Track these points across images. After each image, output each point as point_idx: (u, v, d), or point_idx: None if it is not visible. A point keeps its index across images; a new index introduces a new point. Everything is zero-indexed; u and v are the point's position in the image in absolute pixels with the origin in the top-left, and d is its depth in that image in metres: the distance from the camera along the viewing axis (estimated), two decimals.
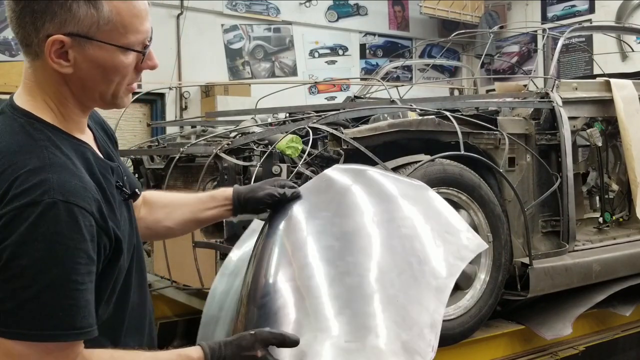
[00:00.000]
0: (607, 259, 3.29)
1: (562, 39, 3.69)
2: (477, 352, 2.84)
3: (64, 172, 1.08)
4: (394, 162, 2.63)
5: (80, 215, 1.06)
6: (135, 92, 1.30)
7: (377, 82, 4.91)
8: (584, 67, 9.04)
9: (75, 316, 1.04)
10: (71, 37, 1.10)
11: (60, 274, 1.03)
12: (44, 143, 1.10)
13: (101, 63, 1.14)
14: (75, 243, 1.05)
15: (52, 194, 1.04)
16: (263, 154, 2.60)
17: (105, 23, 1.11)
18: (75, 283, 1.04)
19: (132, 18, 1.14)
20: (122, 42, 1.14)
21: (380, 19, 10.25)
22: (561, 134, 3.17)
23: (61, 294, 1.03)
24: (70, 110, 1.19)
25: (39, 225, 1.02)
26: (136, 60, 1.19)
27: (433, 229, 1.45)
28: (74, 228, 1.05)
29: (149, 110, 8.19)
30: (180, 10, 8.22)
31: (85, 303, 1.06)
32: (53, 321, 1.03)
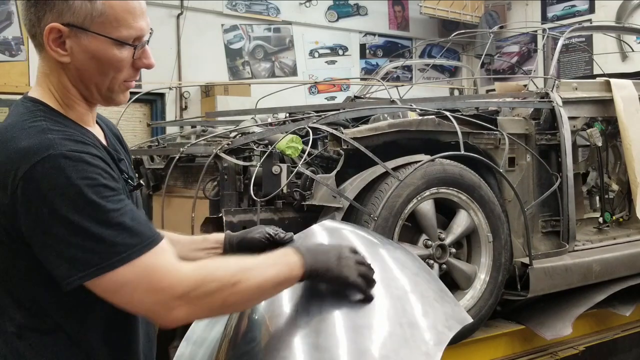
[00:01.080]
0: (607, 259, 3.29)
1: (562, 39, 3.69)
2: (477, 352, 2.84)
3: (59, 133, 1.15)
4: (393, 162, 2.63)
5: (88, 157, 1.13)
6: (134, 91, 1.33)
7: (377, 82, 4.90)
8: (584, 67, 9.04)
9: (126, 237, 1.11)
10: (68, 27, 1.17)
11: (94, 210, 1.09)
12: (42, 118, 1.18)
13: (95, 54, 1.20)
14: (95, 180, 1.11)
15: (57, 148, 1.11)
16: (263, 154, 2.60)
17: (98, 15, 1.18)
18: (112, 211, 1.11)
19: (125, 13, 1.20)
20: (114, 35, 1.20)
21: (380, 19, 10.25)
22: (561, 134, 3.17)
23: (104, 226, 1.10)
24: (72, 101, 1.25)
25: (56, 177, 1.09)
26: (130, 56, 1.24)
27: (423, 294, 1.43)
28: (87, 168, 1.12)
29: (149, 110, 8.19)
30: (180, 10, 8.22)
31: (131, 223, 1.12)
32: (110, 250, 1.09)
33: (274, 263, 1.25)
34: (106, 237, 1.09)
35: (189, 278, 1.14)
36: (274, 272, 1.23)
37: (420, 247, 2.68)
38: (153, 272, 1.12)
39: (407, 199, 2.57)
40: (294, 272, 1.26)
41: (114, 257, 1.09)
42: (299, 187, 2.61)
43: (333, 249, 1.34)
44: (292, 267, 1.26)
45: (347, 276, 1.30)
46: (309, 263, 1.27)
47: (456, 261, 2.78)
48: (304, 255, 1.28)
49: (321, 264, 1.28)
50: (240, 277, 1.18)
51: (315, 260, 1.28)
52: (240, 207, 2.63)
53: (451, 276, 2.78)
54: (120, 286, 1.11)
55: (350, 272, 1.30)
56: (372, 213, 2.50)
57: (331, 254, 1.31)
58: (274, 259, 1.26)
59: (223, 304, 1.18)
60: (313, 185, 2.58)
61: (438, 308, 1.40)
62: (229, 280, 1.17)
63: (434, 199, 2.70)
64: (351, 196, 2.51)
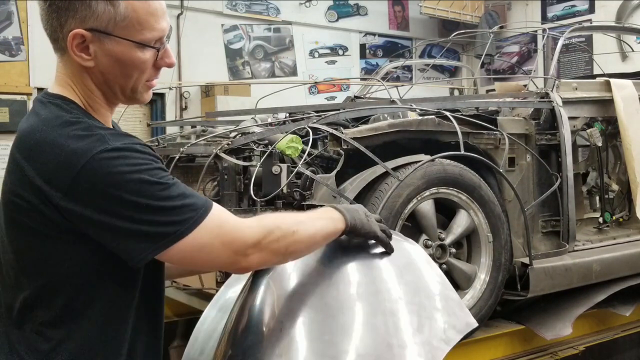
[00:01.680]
0: (607, 259, 3.29)
1: (562, 39, 3.68)
2: (477, 352, 2.84)
3: (106, 130, 1.20)
4: (393, 162, 2.63)
5: (140, 147, 1.19)
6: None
7: (377, 82, 4.90)
8: (584, 67, 9.04)
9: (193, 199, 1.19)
10: (91, 32, 1.19)
11: (158, 187, 1.16)
12: (81, 115, 1.21)
13: (119, 57, 1.22)
14: (149, 166, 1.17)
15: (110, 142, 1.16)
16: (263, 154, 2.60)
17: (121, 19, 1.19)
18: (172, 186, 1.18)
19: (148, 16, 1.22)
20: (137, 38, 1.22)
21: (380, 19, 10.25)
22: (561, 134, 3.17)
23: (171, 193, 1.17)
24: (96, 102, 1.27)
25: (115, 167, 1.13)
26: (153, 57, 1.26)
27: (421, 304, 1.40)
28: (141, 157, 1.17)
29: (149, 110, 8.19)
30: (180, 10, 8.22)
31: (190, 192, 1.21)
32: (185, 212, 1.17)
33: (320, 217, 1.39)
34: (173, 208, 1.16)
35: (257, 228, 1.25)
36: (323, 224, 1.37)
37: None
38: (224, 227, 1.22)
39: (407, 199, 2.57)
40: (338, 226, 1.39)
41: (186, 224, 1.17)
42: (299, 187, 2.61)
43: (360, 208, 1.48)
44: (336, 222, 1.39)
45: (375, 231, 1.45)
46: (349, 219, 1.40)
47: (456, 261, 2.78)
48: (343, 212, 1.41)
49: (358, 220, 1.42)
50: (297, 228, 1.30)
51: (352, 217, 1.41)
52: (240, 207, 2.63)
53: (451, 276, 2.77)
54: (199, 247, 1.19)
55: (376, 228, 1.46)
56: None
57: (360, 212, 1.45)
58: (320, 214, 1.41)
59: (286, 250, 1.30)
60: (313, 185, 2.58)
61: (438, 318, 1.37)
62: (290, 229, 1.29)
63: (434, 199, 2.70)
64: (351, 196, 2.51)
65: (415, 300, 1.40)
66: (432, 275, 1.49)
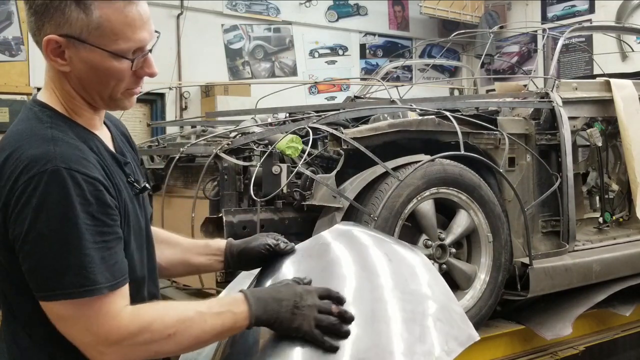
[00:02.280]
0: (607, 259, 3.29)
1: (562, 39, 3.69)
2: (477, 352, 2.84)
3: (65, 146, 1.16)
4: (393, 162, 2.63)
5: (83, 181, 1.13)
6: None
7: (377, 82, 4.91)
8: (584, 67, 9.04)
9: (93, 272, 1.11)
10: (65, 38, 1.16)
11: (71, 235, 1.10)
12: (49, 125, 1.19)
13: (94, 65, 1.20)
14: (83, 207, 1.12)
15: (55, 163, 1.12)
16: (263, 154, 2.60)
17: (95, 28, 1.16)
18: (88, 242, 1.12)
19: (123, 26, 1.18)
20: (112, 48, 1.18)
21: (380, 19, 10.25)
22: (561, 134, 3.17)
23: (75, 253, 1.10)
24: (77, 106, 1.26)
25: (48, 193, 1.10)
26: (133, 66, 1.22)
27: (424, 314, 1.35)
28: (80, 193, 1.12)
29: (149, 110, 8.20)
30: (180, 10, 8.22)
31: (101, 260, 1.13)
32: (73, 279, 1.10)
33: (218, 312, 1.22)
34: (68, 266, 1.10)
35: (126, 327, 1.15)
36: (217, 322, 1.21)
37: (420, 247, 2.68)
38: (95, 316, 1.13)
39: (407, 199, 2.57)
40: (239, 323, 1.23)
41: (65, 289, 1.10)
42: (299, 187, 2.61)
43: (290, 296, 1.25)
44: (238, 317, 1.23)
45: (300, 327, 1.23)
46: (255, 315, 1.23)
47: (456, 261, 2.78)
48: (252, 305, 1.23)
49: (271, 314, 1.23)
50: (177, 329, 1.18)
51: (264, 310, 1.23)
52: (240, 207, 2.63)
53: (451, 276, 2.78)
54: (61, 317, 1.13)
55: (304, 323, 1.23)
56: (372, 213, 2.50)
57: (285, 302, 1.24)
58: (220, 307, 1.24)
59: (157, 352, 1.19)
60: (313, 185, 2.58)
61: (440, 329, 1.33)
62: (165, 332, 1.17)
63: (434, 199, 2.70)
64: (351, 196, 2.51)
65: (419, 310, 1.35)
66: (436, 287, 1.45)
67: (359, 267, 1.43)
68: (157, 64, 1.29)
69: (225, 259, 1.54)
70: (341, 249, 1.49)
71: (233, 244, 1.55)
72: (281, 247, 1.49)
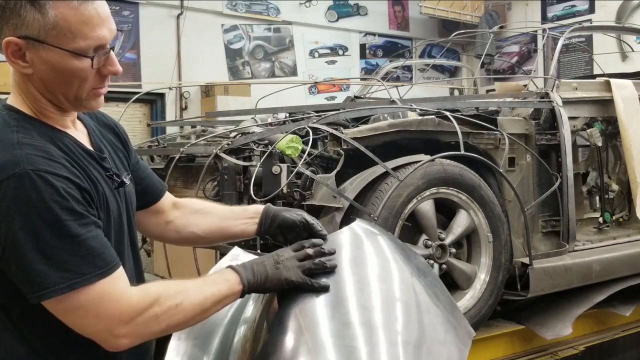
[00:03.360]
0: (607, 259, 3.29)
1: (562, 39, 3.69)
2: (477, 352, 2.84)
3: (30, 148, 1.16)
4: (393, 162, 2.63)
5: (54, 179, 1.14)
6: (134, 91, 1.32)
7: (377, 82, 4.91)
8: (584, 67, 9.03)
9: (80, 264, 1.13)
10: (24, 40, 1.16)
11: (52, 234, 1.11)
12: (15, 128, 1.19)
13: (55, 66, 1.19)
14: (58, 204, 1.12)
15: (22, 166, 1.12)
16: (263, 154, 2.60)
17: (51, 28, 1.16)
18: (71, 237, 1.13)
19: (80, 24, 1.17)
20: (70, 47, 1.18)
21: (380, 19, 10.25)
22: (561, 134, 3.17)
23: (60, 250, 1.12)
24: (43, 108, 1.25)
25: (19, 196, 1.11)
26: (94, 64, 1.21)
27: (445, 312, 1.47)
28: (52, 191, 1.13)
29: (149, 110, 8.18)
30: (180, 10, 8.21)
31: (87, 251, 1.14)
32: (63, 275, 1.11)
33: (213, 282, 1.29)
34: (61, 261, 1.11)
35: (138, 303, 1.18)
36: (214, 289, 1.28)
37: (420, 247, 2.68)
38: (103, 300, 1.15)
39: (407, 199, 2.57)
40: (234, 288, 1.30)
41: (65, 282, 1.11)
42: (299, 187, 2.61)
43: (269, 257, 1.36)
44: (232, 284, 1.29)
45: (288, 278, 1.32)
46: (246, 277, 1.30)
47: (456, 261, 2.78)
48: (240, 271, 1.31)
49: (259, 275, 1.31)
50: (183, 298, 1.23)
51: (252, 273, 1.31)
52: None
53: (451, 276, 2.78)
54: (71, 310, 1.14)
55: (290, 273, 1.32)
56: (372, 213, 2.50)
57: (267, 262, 1.34)
58: (213, 279, 1.30)
59: (168, 325, 1.22)
60: (313, 185, 2.58)
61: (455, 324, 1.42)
62: (172, 302, 1.21)
63: (434, 199, 2.70)
64: (351, 196, 2.51)
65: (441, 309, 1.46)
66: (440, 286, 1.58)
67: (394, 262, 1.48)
68: (157, 64, 1.28)
69: (260, 222, 1.54)
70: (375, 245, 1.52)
71: (270, 207, 1.56)
72: (316, 228, 1.48)
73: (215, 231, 1.59)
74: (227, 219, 1.58)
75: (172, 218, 1.59)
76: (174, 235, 1.61)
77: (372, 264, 1.46)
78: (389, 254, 1.50)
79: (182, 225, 1.59)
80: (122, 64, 7.89)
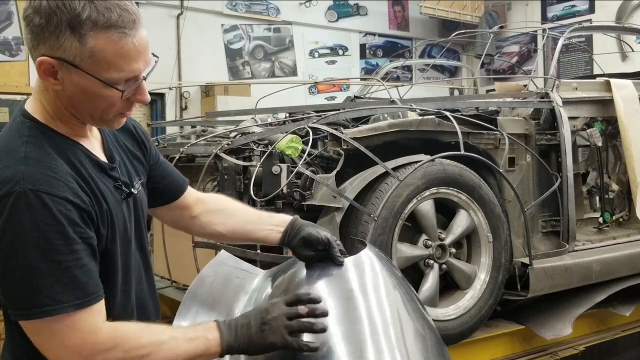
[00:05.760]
0: (607, 259, 3.29)
1: (562, 39, 3.68)
2: (477, 352, 2.84)
3: (36, 165, 1.16)
4: (393, 162, 2.63)
5: (50, 201, 1.14)
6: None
7: (377, 82, 4.91)
8: (584, 67, 9.04)
9: (60, 292, 1.13)
10: (58, 61, 1.16)
11: (38, 257, 1.12)
12: (26, 139, 1.20)
13: (85, 90, 1.20)
14: (50, 227, 1.13)
15: (22, 184, 1.13)
16: (263, 154, 2.60)
17: (88, 56, 1.16)
18: (57, 262, 1.13)
19: (117, 57, 1.18)
20: (104, 77, 1.18)
21: (380, 19, 10.25)
22: (561, 134, 3.17)
23: (43, 274, 1.12)
24: (65, 118, 1.26)
25: (13, 215, 1.12)
26: (124, 96, 1.22)
27: None
28: (46, 214, 1.13)
29: (149, 110, 8.18)
30: (180, 10, 8.21)
31: (70, 279, 1.14)
32: (40, 299, 1.12)
33: (192, 338, 1.25)
34: (41, 286, 1.12)
35: (102, 343, 1.17)
36: (189, 347, 1.24)
37: (420, 247, 2.68)
38: (71, 331, 1.15)
39: (407, 199, 2.57)
40: (211, 350, 1.26)
41: (40, 308, 1.12)
42: (299, 187, 2.61)
43: (256, 315, 1.30)
44: (210, 344, 1.25)
45: (273, 342, 1.27)
46: (227, 341, 1.26)
47: (456, 261, 2.78)
48: (223, 332, 1.26)
49: (242, 339, 1.27)
50: (151, 350, 1.20)
51: (235, 337, 1.27)
52: None
53: (451, 276, 2.78)
54: (39, 332, 1.15)
55: (276, 337, 1.26)
56: (372, 213, 2.50)
57: (253, 323, 1.28)
58: (194, 333, 1.27)
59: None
60: (313, 185, 2.58)
61: None
62: (138, 352, 1.19)
63: (434, 199, 2.70)
64: (351, 196, 2.51)
65: None
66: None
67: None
68: (157, 64, 1.29)
69: (285, 231, 1.55)
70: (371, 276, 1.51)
71: (298, 220, 1.57)
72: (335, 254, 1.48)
73: (238, 232, 1.62)
74: (252, 223, 1.60)
75: (197, 213, 1.62)
76: (199, 230, 1.65)
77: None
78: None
79: (208, 222, 1.62)
80: None
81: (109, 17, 1.15)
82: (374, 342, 1.34)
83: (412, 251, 2.65)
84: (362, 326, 1.36)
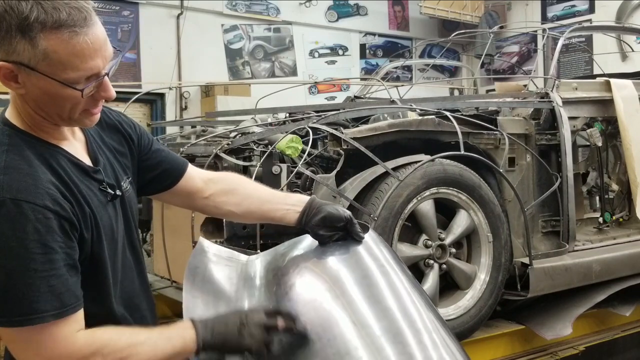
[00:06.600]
0: (607, 259, 3.29)
1: (562, 39, 3.69)
2: (477, 352, 2.84)
3: (15, 173, 1.16)
4: (393, 162, 2.63)
5: (30, 210, 1.13)
6: (135, 91, 1.31)
7: (377, 82, 4.91)
8: (584, 67, 9.04)
9: (38, 301, 1.12)
10: (16, 65, 1.15)
11: (17, 265, 1.11)
12: (6, 147, 1.20)
13: (47, 91, 1.18)
14: (28, 235, 1.12)
15: (1, 194, 1.13)
16: (263, 154, 2.60)
17: (42, 59, 1.14)
18: (34, 271, 1.12)
19: (71, 57, 1.15)
20: (61, 78, 1.16)
21: (380, 19, 10.25)
22: (561, 134, 3.17)
23: (21, 283, 1.11)
24: (38, 122, 1.25)
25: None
26: (84, 94, 1.20)
27: None
28: (25, 222, 1.13)
29: (149, 110, 8.19)
30: (180, 10, 8.21)
31: (48, 288, 1.13)
32: (18, 308, 1.11)
33: (168, 337, 1.26)
34: (18, 295, 1.11)
35: (79, 351, 1.17)
36: (167, 346, 1.25)
37: (420, 247, 2.68)
38: (46, 340, 1.14)
39: (407, 199, 2.58)
40: (188, 347, 1.26)
41: (16, 317, 1.12)
42: (299, 187, 2.61)
43: (236, 316, 1.31)
44: (187, 341, 1.26)
45: (248, 346, 1.28)
46: (202, 337, 1.27)
47: (456, 261, 2.78)
48: (199, 329, 1.27)
49: (218, 336, 1.28)
50: (130, 352, 1.20)
51: (211, 334, 1.27)
52: None
53: (451, 276, 2.78)
54: (15, 340, 1.15)
55: (252, 343, 1.28)
56: (372, 213, 2.50)
57: (231, 322, 1.29)
58: (169, 333, 1.27)
59: None
60: (313, 185, 2.58)
61: None
62: (117, 355, 1.19)
63: (434, 199, 2.70)
64: (351, 196, 2.51)
65: None
66: None
67: None
68: (157, 64, 1.28)
69: (303, 211, 1.51)
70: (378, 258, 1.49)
71: (316, 200, 1.53)
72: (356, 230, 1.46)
73: (254, 212, 1.58)
74: (268, 203, 1.56)
75: (208, 194, 1.59)
76: (214, 210, 1.61)
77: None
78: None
79: (221, 202, 1.59)
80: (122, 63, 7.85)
81: (57, 17, 1.12)
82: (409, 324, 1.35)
83: (412, 251, 2.65)
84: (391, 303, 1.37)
